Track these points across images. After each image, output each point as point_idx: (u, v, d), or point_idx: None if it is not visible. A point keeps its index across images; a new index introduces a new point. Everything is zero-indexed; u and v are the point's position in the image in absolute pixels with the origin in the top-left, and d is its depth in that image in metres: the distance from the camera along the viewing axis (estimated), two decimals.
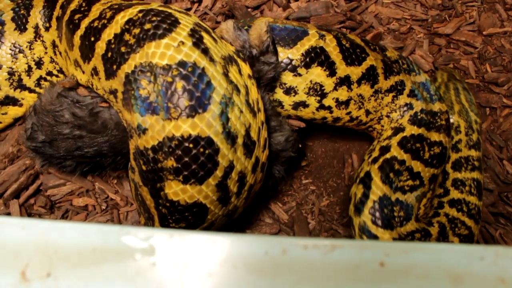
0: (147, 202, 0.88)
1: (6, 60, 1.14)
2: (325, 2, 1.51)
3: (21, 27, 1.14)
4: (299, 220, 1.22)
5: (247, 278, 0.49)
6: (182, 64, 0.77)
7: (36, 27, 1.13)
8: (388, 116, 1.16)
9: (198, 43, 0.81)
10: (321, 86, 1.06)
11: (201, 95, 0.77)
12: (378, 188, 1.06)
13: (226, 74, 0.83)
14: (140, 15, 0.83)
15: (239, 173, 0.86)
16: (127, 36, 0.81)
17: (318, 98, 1.08)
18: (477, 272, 0.51)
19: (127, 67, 0.79)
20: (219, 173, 0.81)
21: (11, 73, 1.15)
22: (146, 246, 0.49)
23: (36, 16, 1.13)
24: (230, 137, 0.81)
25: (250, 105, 0.87)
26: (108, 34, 0.84)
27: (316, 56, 1.05)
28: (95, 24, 0.88)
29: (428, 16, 1.58)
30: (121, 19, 0.84)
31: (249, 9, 1.49)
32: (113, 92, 0.86)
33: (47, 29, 1.12)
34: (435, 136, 1.12)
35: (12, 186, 1.17)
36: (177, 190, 0.80)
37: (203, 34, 0.84)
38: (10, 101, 1.19)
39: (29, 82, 1.18)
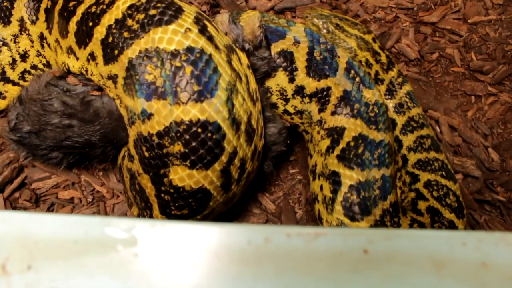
0: (147, 190, 0.88)
1: None
2: None
3: (4, 20, 1.12)
4: (286, 210, 1.23)
5: (230, 267, 0.48)
6: (190, 49, 0.77)
7: (21, 20, 1.11)
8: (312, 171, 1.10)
9: (203, 30, 0.82)
10: (285, 90, 1.06)
11: (209, 80, 0.77)
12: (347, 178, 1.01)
13: (229, 62, 0.84)
14: (144, 1, 0.83)
15: (241, 160, 0.87)
16: (129, 22, 0.81)
17: (284, 102, 1.08)
18: (460, 257, 0.52)
19: (130, 52, 0.79)
20: (224, 158, 0.82)
21: None
22: (128, 237, 0.49)
23: (21, 9, 1.11)
24: (235, 123, 0.82)
25: (250, 93, 0.88)
26: (109, 19, 0.83)
27: (284, 60, 1.04)
28: (93, 9, 0.88)
29: (413, 5, 1.58)
30: (122, 4, 0.84)
31: None
32: (112, 78, 0.85)
33: (33, 22, 1.10)
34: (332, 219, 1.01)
35: None
36: (183, 176, 0.81)
37: (206, 22, 0.85)
38: None
39: (13, 75, 1.16)
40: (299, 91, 1.05)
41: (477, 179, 1.31)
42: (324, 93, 1.04)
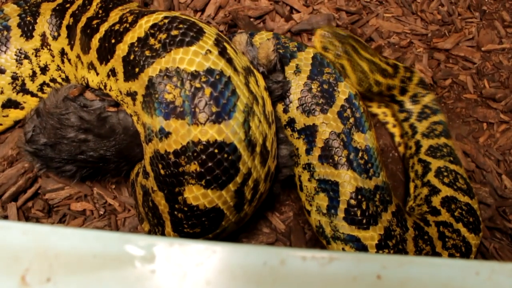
0: (160, 207, 0.88)
1: (10, 65, 1.14)
2: (327, 14, 1.52)
3: (27, 34, 1.14)
4: (296, 230, 1.23)
5: (245, 287, 0.49)
6: (210, 71, 0.79)
7: (43, 36, 1.13)
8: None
9: (223, 52, 0.83)
10: (279, 119, 1.06)
11: (227, 102, 0.79)
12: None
13: (247, 84, 0.85)
14: (166, 21, 0.85)
15: (254, 181, 0.88)
16: (152, 41, 0.83)
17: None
18: (472, 287, 0.52)
19: (151, 71, 0.80)
20: (238, 179, 0.83)
21: (14, 78, 1.16)
22: (146, 254, 0.50)
23: (43, 25, 1.13)
24: (251, 145, 0.83)
25: (266, 116, 0.90)
26: (131, 37, 0.85)
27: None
28: (116, 27, 0.90)
29: (428, 31, 1.60)
30: (145, 23, 0.86)
31: (251, 19, 1.50)
32: (131, 94, 0.87)
33: (55, 38, 1.12)
34: None
35: (11, 189, 1.17)
36: (197, 195, 0.81)
37: (226, 44, 0.87)
38: (12, 104, 1.20)
39: (32, 86, 1.18)
40: (291, 123, 1.05)
41: (490, 206, 1.31)
42: (310, 132, 1.01)
